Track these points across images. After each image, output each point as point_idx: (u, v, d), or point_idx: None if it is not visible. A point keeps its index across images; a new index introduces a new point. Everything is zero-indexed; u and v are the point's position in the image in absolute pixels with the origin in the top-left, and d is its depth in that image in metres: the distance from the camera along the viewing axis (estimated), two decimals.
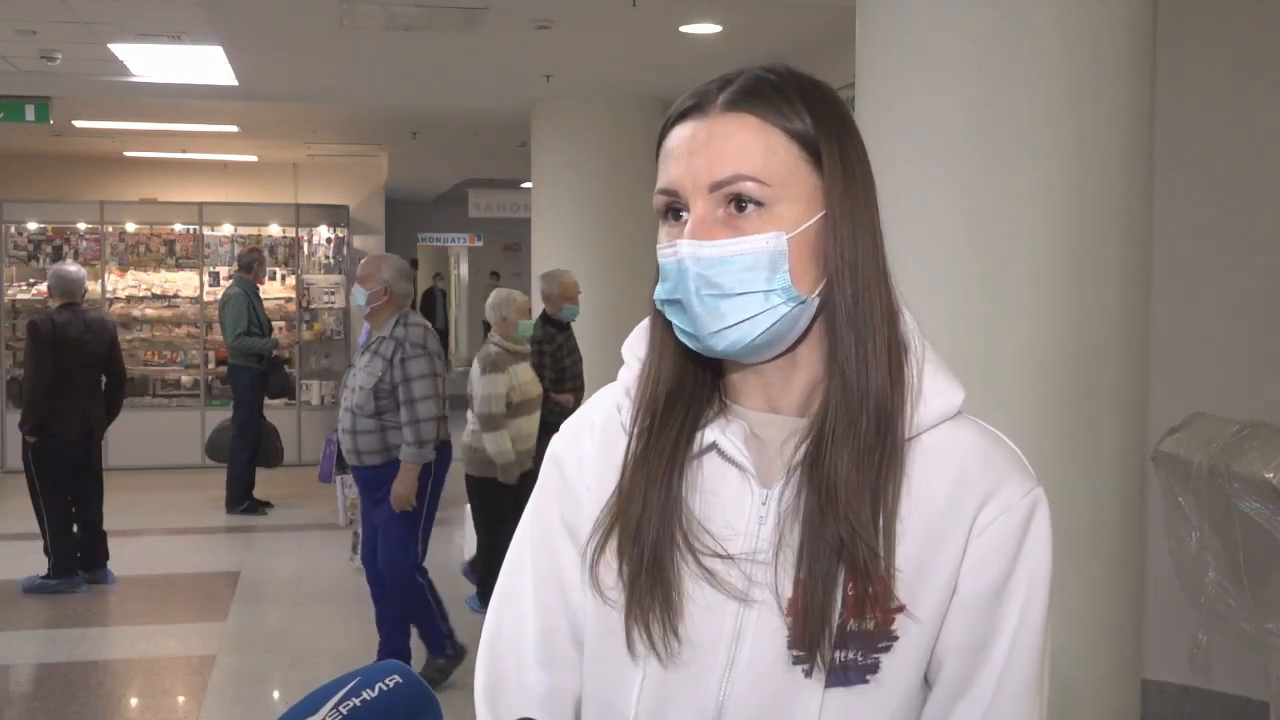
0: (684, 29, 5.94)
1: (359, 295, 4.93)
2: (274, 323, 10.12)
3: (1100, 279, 3.25)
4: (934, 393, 1.12)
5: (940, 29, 3.28)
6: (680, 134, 1.12)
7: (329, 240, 12.39)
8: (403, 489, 4.81)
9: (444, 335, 19.97)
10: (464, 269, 21.24)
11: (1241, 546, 3.29)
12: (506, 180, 12.66)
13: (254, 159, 12.53)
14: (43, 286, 11.58)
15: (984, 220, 3.24)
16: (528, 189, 10.58)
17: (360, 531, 5.49)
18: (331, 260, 12.34)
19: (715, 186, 1.08)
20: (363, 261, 5.10)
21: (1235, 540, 3.30)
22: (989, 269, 3.23)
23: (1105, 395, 3.28)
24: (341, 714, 0.95)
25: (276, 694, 5.27)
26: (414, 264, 18.37)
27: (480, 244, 17.24)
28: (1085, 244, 3.23)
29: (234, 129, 10.39)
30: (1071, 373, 3.23)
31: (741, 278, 1.07)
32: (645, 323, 1.21)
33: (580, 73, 7.11)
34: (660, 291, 1.12)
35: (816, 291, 1.10)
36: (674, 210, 1.12)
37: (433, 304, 19.47)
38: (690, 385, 1.17)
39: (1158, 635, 4.22)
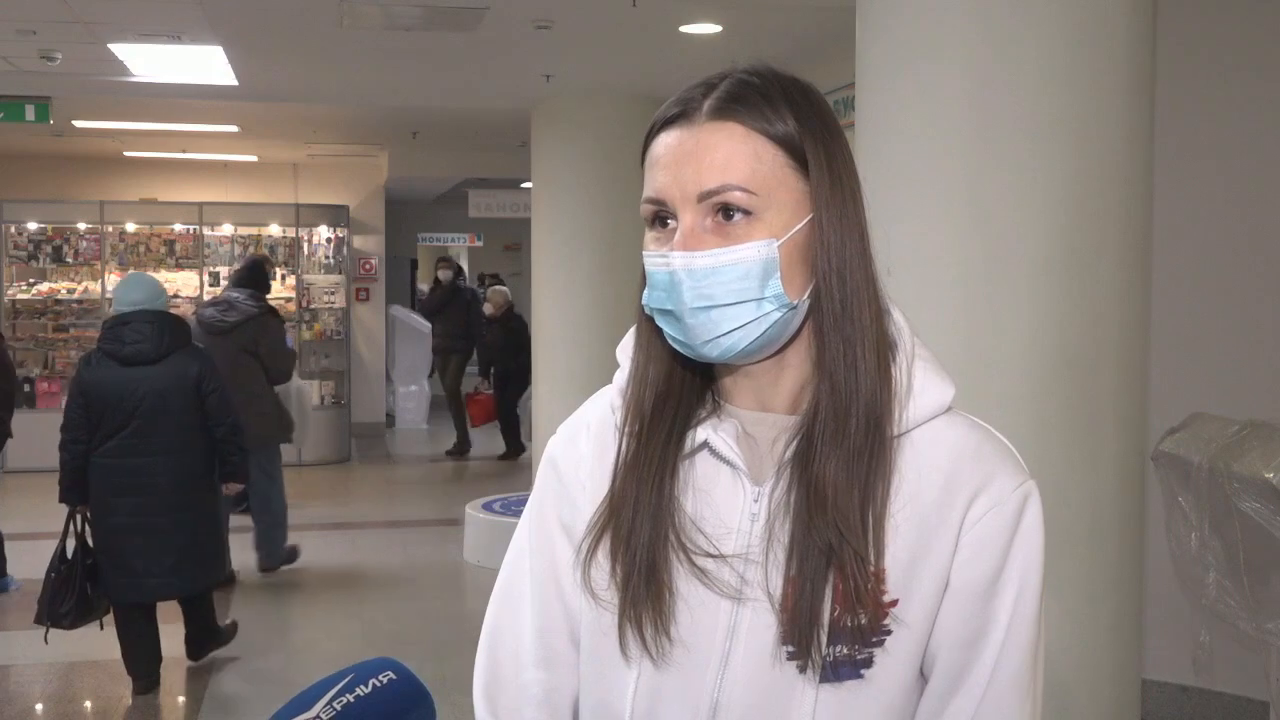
0: (684, 29, 5.94)
1: None
2: None
3: (1101, 279, 3.25)
4: (924, 390, 1.13)
5: (940, 28, 3.28)
6: (666, 142, 1.11)
7: (329, 240, 12.39)
8: None
9: None
10: (464, 269, 21.22)
11: (1241, 546, 3.29)
12: (506, 180, 12.66)
13: (254, 159, 12.53)
14: (43, 286, 11.60)
15: (985, 219, 3.24)
16: (528, 189, 10.58)
17: None
18: (331, 260, 12.34)
19: (703, 197, 1.08)
20: None
21: (1235, 540, 3.30)
22: (989, 268, 3.23)
23: (1105, 395, 3.28)
24: (335, 710, 0.94)
25: (276, 694, 5.26)
26: (414, 264, 18.36)
27: (480, 244, 17.23)
28: (1086, 244, 3.23)
29: (234, 129, 10.39)
30: (1071, 372, 3.23)
31: (734, 287, 1.07)
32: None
33: (580, 73, 7.10)
34: (650, 299, 1.12)
35: (806, 295, 1.10)
36: (661, 218, 1.12)
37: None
38: (680, 387, 1.17)
39: (1158, 635, 4.22)
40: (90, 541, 4.91)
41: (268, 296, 7.20)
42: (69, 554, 4.90)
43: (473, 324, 11.70)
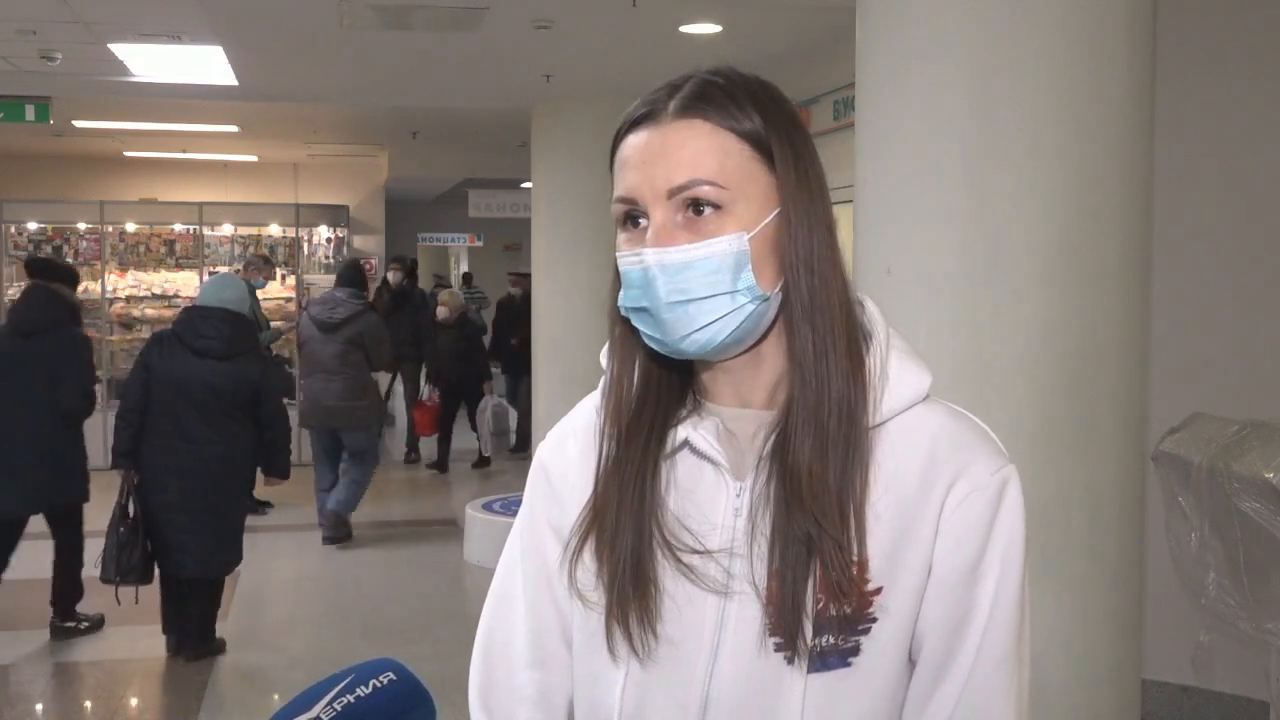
0: (684, 29, 5.94)
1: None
2: (273, 323, 10.14)
3: (1101, 279, 3.25)
4: (900, 378, 1.14)
5: (940, 28, 3.28)
6: (634, 142, 1.14)
7: (329, 240, 12.39)
8: None
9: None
10: (464, 269, 21.24)
11: (1241, 546, 3.29)
12: (506, 180, 12.67)
13: (254, 159, 12.54)
14: None
15: (985, 219, 3.24)
16: (528, 189, 10.58)
17: None
18: (331, 260, 12.33)
19: (673, 193, 1.10)
20: None
21: (1235, 540, 3.30)
22: (990, 268, 3.23)
23: (1105, 395, 3.28)
24: (336, 710, 0.95)
25: (276, 694, 5.26)
26: (414, 264, 18.35)
27: (480, 244, 17.24)
28: (1086, 243, 3.23)
29: (234, 129, 10.39)
30: (1072, 372, 3.23)
31: (708, 280, 1.09)
32: None
33: (580, 73, 7.10)
34: (625, 299, 1.14)
35: (777, 287, 1.12)
36: (632, 218, 1.14)
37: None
38: (659, 387, 1.19)
39: (1158, 635, 4.22)
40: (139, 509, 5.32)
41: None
42: (129, 514, 5.28)
43: (422, 330, 10.79)
